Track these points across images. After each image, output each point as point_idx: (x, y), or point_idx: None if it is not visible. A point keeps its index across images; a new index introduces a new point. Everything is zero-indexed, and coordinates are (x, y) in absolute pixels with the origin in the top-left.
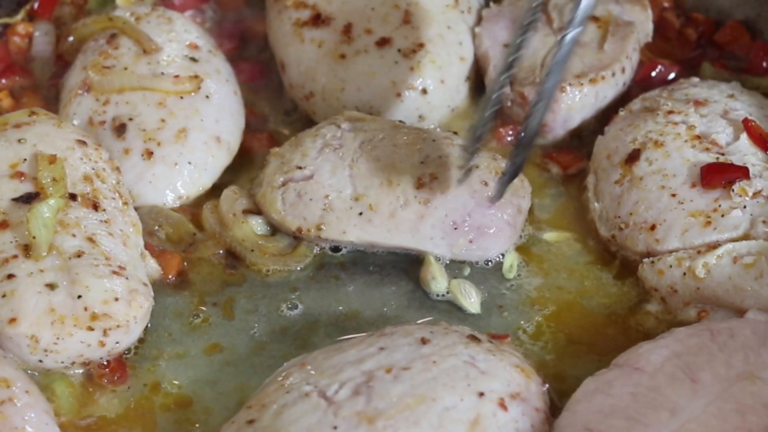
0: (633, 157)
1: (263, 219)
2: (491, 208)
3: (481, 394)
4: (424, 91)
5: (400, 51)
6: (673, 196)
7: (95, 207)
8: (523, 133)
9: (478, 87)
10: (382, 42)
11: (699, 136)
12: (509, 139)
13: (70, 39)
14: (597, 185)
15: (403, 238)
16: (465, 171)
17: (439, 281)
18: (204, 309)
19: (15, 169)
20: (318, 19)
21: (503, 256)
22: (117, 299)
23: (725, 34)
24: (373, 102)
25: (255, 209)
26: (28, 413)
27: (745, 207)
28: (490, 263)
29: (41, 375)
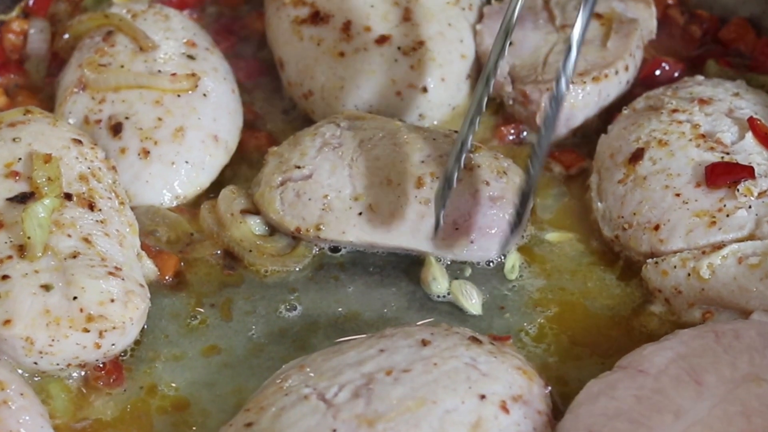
0: (637, 156)
1: (261, 219)
2: (493, 207)
3: (483, 396)
4: (425, 90)
5: (400, 49)
6: (678, 195)
7: (91, 207)
8: (525, 188)
9: None
10: (382, 40)
11: (704, 135)
12: (511, 138)
13: (66, 36)
14: (600, 185)
15: (403, 239)
16: (437, 222)
17: (439, 282)
18: (201, 310)
19: (9, 169)
20: (317, 17)
21: (505, 256)
22: (113, 300)
23: (730, 31)
24: (373, 100)
25: (253, 209)
26: (23, 416)
27: (750, 207)
28: (491, 264)
29: (36, 377)
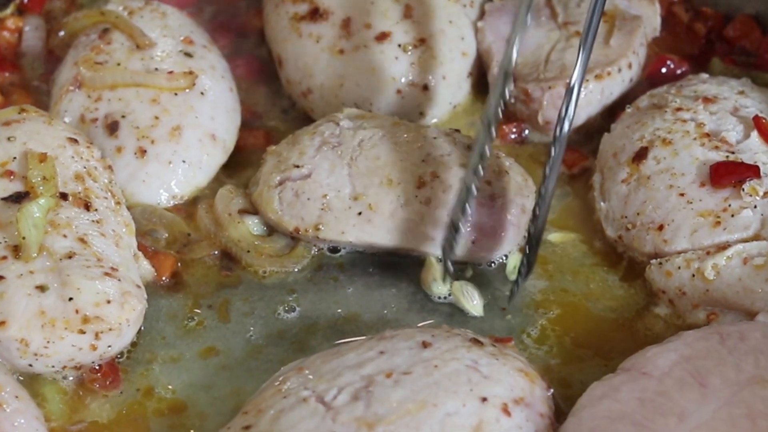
0: (640, 155)
1: (260, 219)
2: (494, 207)
3: (484, 399)
4: (425, 88)
5: (400, 46)
6: (682, 195)
7: (87, 207)
8: (529, 239)
9: (481, 83)
10: (382, 37)
11: (708, 134)
12: (512, 136)
13: (61, 34)
14: (603, 184)
15: (403, 239)
16: (444, 271)
17: (440, 283)
18: (199, 311)
19: (4, 168)
20: (316, 14)
21: (506, 257)
22: (109, 301)
23: (735, 28)
24: (373, 99)
25: (251, 209)
26: (18, 419)
27: (755, 207)
28: (493, 265)
29: (31, 380)
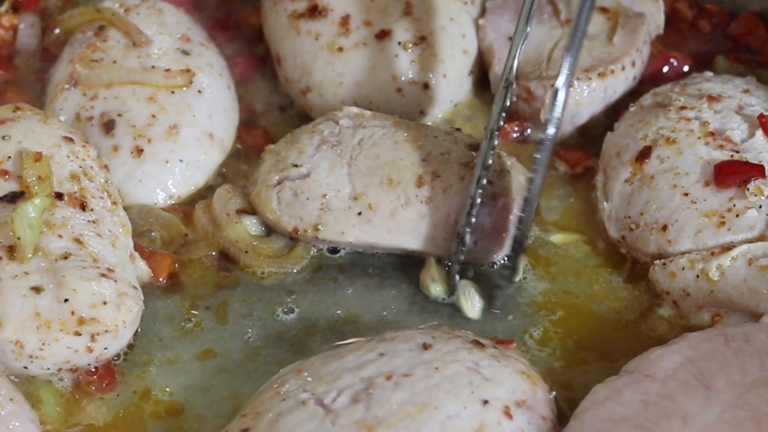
0: (644, 154)
1: (258, 219)
2: (496, 207)
3: (486, 401)
4: (426, 86)
5: (400, 44)
6: (686, 195)
7: (83, 207)
8: (515, 242)
9: (482, 81)
10: (382, 34)
11: (713, 133)
12: (514, 135)
13: (57, 31)
14: (606, 184)
15: (404, 239)
16: (449, 282)
17: (440, 284)
18: (196, 313)
19: None
20: (315, 11)
21: (508, 258)
22: (105, 303)
23: (740, 26)
24: (373, 97)
25: (249, 209)
26: (13, 422)
27: (760, 207)
28: (495, 265)
29: (26, 382)
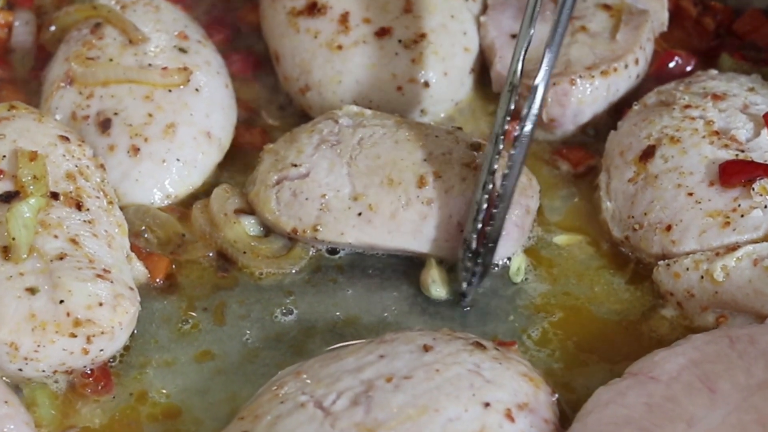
0: (648, 153)
1: (256, 219)
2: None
3: (487, 404)
4: (427, 84)
5: (400, 41)
6: (690, 195)
7: (78, 206)
8: (487, 238)
9: (484, 79)
10: (382, 32)
11: (717, 132)
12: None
13: (52, 28)
14: (609, 183)
15: (404, 240)
16: (458, 292)
17: (440, 286)
18: (194, 314)
19: None
20: (314, 8)
21: (510, 259)
22: (101, 304)
23: (745, 23)
24: (373, 96)
25: (248, 209)
26: (8, 425)
27: (766, 206)
28: (496, 266)
29: (21, 384)
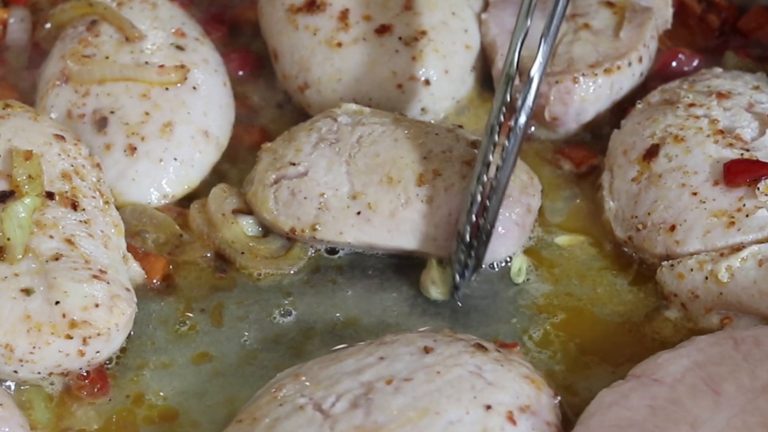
0: (651, 152)
1: (254, 219)
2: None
3: (489, 407)
4: (427, 82)
5: (401, 39)
6: (695, 194)
7: (74, 206)
8: (481, 231)
9: (485, 77)
10: (382, 29)
11: (722, 131)
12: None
13: (48, 26)
14: (612, 183)
15: (404, 240)
16: (450, 286)
17: (441, 286)
18: (191, 316)
19: None
20: (313, 5)
21: (511, 259)
22: (97, 305)
23: (750, 20)
24: (372, 94)
25: (245, 209)
26: (2, 427)
27: None
28: (497, 267)
29: (16, 386)
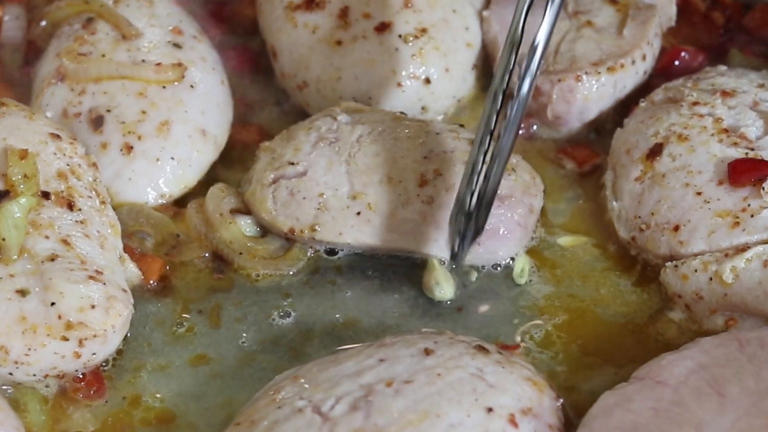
0: (655, 152)
1: (252, 219)
2: (500, 207)
3: (490, 409)
4: (428, 81)
5: (401, 37)
6: (699, 194)
7: (70, 206)
8: (483, 195)
9: (486, 76)
10: (382, 27)
11: (726, 130)
12: (520, 132)
13: (43, 23)
14: (615, 182)
15: (404, 240)
16: (452, 249)
17: (443, 287)
18: (188, 317)
19: None
20: (312, 2)
21: (513, 260)
22: (94, 306)
23: (755, 18)
24: (372, 92)
25: (244, 209)
26: None
27: None
28: (499, 268)
29: (11, 388)
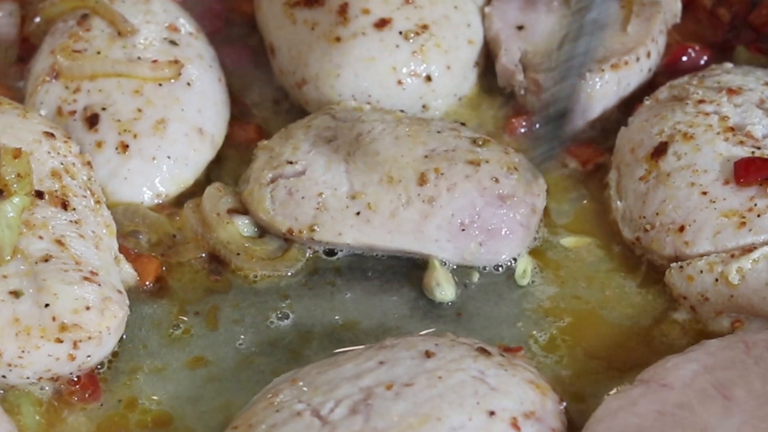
0: (660, 150)
1: (250, 219)
2: (503, 207)
3: (492, 413)
4: (428, 78)
5: (401, 33)
6: (704, 194)
7: (64, 206)
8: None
9: (488, 73)
10: (382, 23)
11: (732, 128)
12: (522, 130)
13: (37, 20)
14: (620, 182)
15: (405, 241)
16: (541, 159)
17: (444, 288)
18: (185, 319)
19: None
20: None
21: (515, 260)
22: (88, 308)
23: (761, 14)
24: (372, 90)
25: (241, 208)
26: None
27: None
28: (501, 268)
29: (5, 391)
